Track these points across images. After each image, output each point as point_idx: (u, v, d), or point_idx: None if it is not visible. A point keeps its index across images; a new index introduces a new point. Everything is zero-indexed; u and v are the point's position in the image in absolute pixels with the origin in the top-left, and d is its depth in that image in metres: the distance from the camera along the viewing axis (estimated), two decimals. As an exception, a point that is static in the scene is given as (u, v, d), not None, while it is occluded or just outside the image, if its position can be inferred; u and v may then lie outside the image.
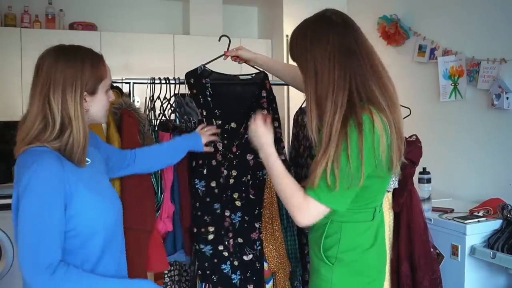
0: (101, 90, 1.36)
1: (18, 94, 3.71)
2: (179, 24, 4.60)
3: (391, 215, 2.11)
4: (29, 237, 1.22)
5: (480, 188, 2.77)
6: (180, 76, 2.07)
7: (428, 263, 2.08)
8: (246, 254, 1.94)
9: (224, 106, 2.00)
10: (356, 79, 1.35)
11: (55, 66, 1.27)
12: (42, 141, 1.26)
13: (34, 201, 1.21)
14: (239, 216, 1.95)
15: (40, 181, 1.22)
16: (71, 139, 1.27)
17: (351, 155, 1.29)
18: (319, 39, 1.39)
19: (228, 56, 1.98)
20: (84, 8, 4.24)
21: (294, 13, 4.04)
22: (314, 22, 1.44)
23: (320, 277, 1.49)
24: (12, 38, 3.69)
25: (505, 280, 2.36)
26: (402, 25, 3.28)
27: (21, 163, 1.27)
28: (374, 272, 1.52)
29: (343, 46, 1.37)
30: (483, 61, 2.71)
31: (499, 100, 2.60)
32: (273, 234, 2.02)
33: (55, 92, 1.26)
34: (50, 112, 1.26)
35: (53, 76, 1.26)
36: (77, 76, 1.28)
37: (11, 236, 3.26)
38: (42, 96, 1.27)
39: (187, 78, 1.99)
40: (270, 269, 2.01)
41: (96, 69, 1.32)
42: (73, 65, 1.28)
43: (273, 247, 2.01)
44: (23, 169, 1.24)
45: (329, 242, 1.47)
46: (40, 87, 1.27)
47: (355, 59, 1.36)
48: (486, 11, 2.75)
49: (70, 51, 1.31)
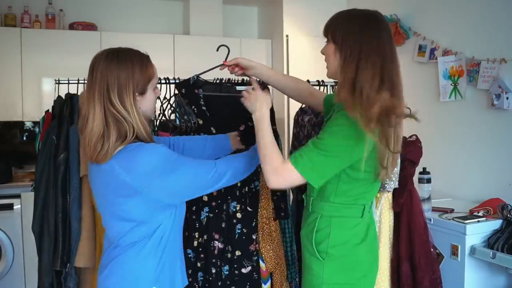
0: (150, 89, 1.44)
1: (18, 94, 3.71)
2: (179, 24, 4.60)
3: (391, 215, 2.11)
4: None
5: (480, 188, 2.77)
6: (180, 76, 2.07)
7: (428, 263, 2.08)
8: (245, 267, 1.93)
9: (218, 116, 1.95)
10: (391, 80, 1.42)
11: (107, 70, 1.35)
12: (124, 141, 1.34)
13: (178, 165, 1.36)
14: (239, 229, 1.94)
15: (166, 152, 1.36)
16: (135, 133, 1.36)
17: (340, 139, 1.38)
18: (371, 30, 1.43)
19: (226, 66, 1.86)
20: (84, 8, 4.23)
21: (294, 13, 4.04)
22: (368, 17, 1.48)
23: (312, 273, 1.53)
24: (12, 38, 3.68)
25: (505, 280, 2.36)
26: (402, 25, 3.28)
27: (126, 154, 1.33)
28: (365, 267, 1.56)
29: (386, 50, 1.43)
30: (483, 61, 2.71)
31: (499, 100, 2.60)
32: (270, 234, 2.02)
33: (112, 93, 1.34)
34: (111, 112, 1.33)
35: (107, 80, 1.34)
36: (129, 77, 1.36)
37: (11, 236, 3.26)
38: (101, 99, 1.34)
39: (177, 88, 1.94)
40: (267, 269, 2.01)
41: (144, 69, 1.41)
42: (124, 67, 1.36)
43: (270, 247, 2.01)
44: (137, 158, 1.32)
45: (320, 236, 1.52)
46: (98, 91, 1.34)
47: (388, 66, 1.43)
48: (486, 11, 2.75)
49: (119, 54, 1.39)
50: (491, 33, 2.71)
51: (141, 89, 1.40)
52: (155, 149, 1.34)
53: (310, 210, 1.58)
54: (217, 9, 4.45)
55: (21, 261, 3.30)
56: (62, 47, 3.77)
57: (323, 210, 1.53)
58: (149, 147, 1.34)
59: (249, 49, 4.33)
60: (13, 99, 3.71)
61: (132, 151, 1.33)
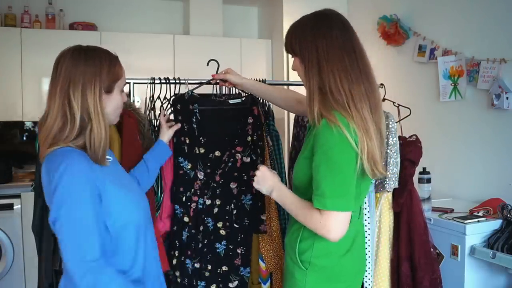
0: (116, 89, 1.41)
1: (18, 94, 3.71)
2: (179, 24, 4.60)
3: (391, 215, 2.11)
4: (70, 236, 1.24)
5: (480, 188, 2.77)
6: (180, 76, 2.07)
7: (428, 263, 2.08)
8: (232, 281, 1.93)
9: (209, 133, 1.95)
10: (354, 74, 1.39)
11: (74, 66, 1.32)
12: (66, 141, 1.30)
13: (67, 199, 1.24)
14: (224, 245, 1.94)
15: (72, 179, 1.24)
16: (92, 135, 1.31)
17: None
18: (324, 33, 1.43)
19: (215, 80, 1.94)
20: (84, 8, 4.24)
21: (294, 13, 4.01)
22: (316, 18, 1.48)
23: (295, 282, 1.51)
24: (12, 38, 3.69)
25: (505, 280, 2.36)
26: (402, 25, 3.28)
27: (49, 164, 1.28)
28: (349, 278, 1.54)
29: (343, 44, 1.42)
30: (483, 61, 2.71)
31: (499, 100, 2.60)
32: (271, 234, 2.02)
33: (75, 90, 1.31)
34: (70, 109, 1.30)
35: (73, 75, 1.31)
36: (96, 74, 1.33)
37: (11, 236, 3.26)
38: (62, 95, 1.31)
39: (174, 104, 1.95)
40: (267, 269, 2.01)
41: (113, 68, 1.38)
42: (92, 64, 1.34)
43: (270, 247, 2.01)
44: (52, 170, 1.26)
45: (303, 246, 1.49)
46: (60, 86, 1.31)
47: (351, 58, 1.41)
48: (486, 11, 2.75)
49: (88, 52, 1.37)
50: (491, 33, 2.71)
51: (108, 87, 1.37)
52: (69, 170, 1.24)
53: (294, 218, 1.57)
54: (217, 9, 4.45)
55: (21, 261, 3.30)
56: (62, 47, 3.66)
57: None
58: (66, 165, 1.24)
59: (249, 49, 4.33)
60: (13, 99, 3.71)
61: (56, 157, 1.27)
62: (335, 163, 1.34)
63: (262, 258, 2.03)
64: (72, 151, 1.29)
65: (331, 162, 1.35)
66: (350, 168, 1.35)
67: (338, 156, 1.34)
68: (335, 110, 1.36)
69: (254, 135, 1.99)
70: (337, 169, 1.34)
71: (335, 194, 1.34)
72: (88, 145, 1.31)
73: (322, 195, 1.35)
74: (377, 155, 1.40)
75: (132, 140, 1.78)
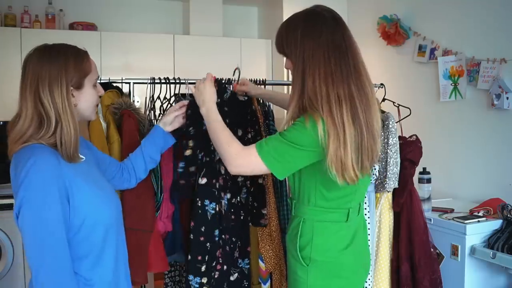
0: (87, 84, 1.39)
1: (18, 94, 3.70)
2: (179, 24, 4.60)
3: (391, 215, 2.11)
4: (30, 232, 1.22)
5: (480, 188, 2.77)
6: (180, 76, 2.07)
7: (428, 263, 2.08)
8: (232, 274, 1.92)
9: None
10: (337, 75, 1.38)
11: (40, 65, 1.31)
12: (38, 138, 1.28)
13: (32, 194, 1.22)
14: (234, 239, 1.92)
15: (38, 174, 1.22)
16: (62, 133, 1.29)
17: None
18: (311, 33, 1.41)
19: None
20: (84, 8, 4.24)
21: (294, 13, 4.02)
22: (306, 16, 1.46)
23: (297, 279, 1.52)
24: (12, 38, 3.69)
25: (505, 280, 2.36)
26: (402, 25, 3.28)
27: (17, 159, 1.27)
28: (350, 273, 1.53)
29: (333, 42, 1.40)
30: (483, 61, 2.71)
31: (499, 100, 2.60)
32: (270, 234, 2.02)
33: (44, 89, 1.29)
34: (44, 109, 1.29)
35: (39, 74, 1.30)
36: (62, 71, 1.31)
37: (11, 236, 3.26)
38: (32, 95, 1.31)
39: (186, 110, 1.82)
40: (267, 269, 2.01)
41: (79, 63, 1.36)
42: (56, 61, 1.32)
43: (270, 247, 2.01)
44: (19, 166, 1.24)
45: (303, 241, 1.50)
46: (29, 86, 1.31)
47: (342, 55, 1.40)
48: (486, 11, 2.75)
49: (53, 49, 1.35)
50: (491, 33, 2.71)
51: (77, 83, 1.35)
52: (36, 165, 1.22)
53: (294, 214, 1.57)
54: (217, 9, 4.45)
55: (21, 261, 3.30)
56: (62, 47, 3.76)
57: (306, 214, 1.50)
58: (33, 161, 1.22)
59: (249, 49, 4.33)
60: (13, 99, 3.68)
61: (25, 153, 1.25)
62: (290, 137, 1.38)
63: (261, 258, 2.03)
64: (41, 148, 1.27)
65: (287, 135, 1.39)
66: (298, 150, 1.38)
67: (295, 135, 1.38)
68: (309, 113, 1.37)
69: (252, 131, 2.00)
70: (288, 141, 1.38)
71: (272, 150, 1.39)
72: (59, 143, 1.29)
73: (264, 142, 1.41)
74: (349, 160, 1.35)
75: (132, 140, 1.78)
